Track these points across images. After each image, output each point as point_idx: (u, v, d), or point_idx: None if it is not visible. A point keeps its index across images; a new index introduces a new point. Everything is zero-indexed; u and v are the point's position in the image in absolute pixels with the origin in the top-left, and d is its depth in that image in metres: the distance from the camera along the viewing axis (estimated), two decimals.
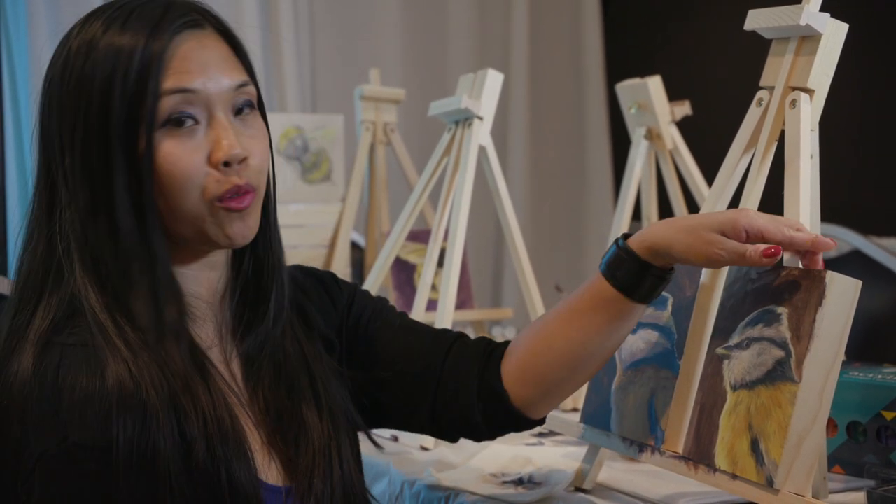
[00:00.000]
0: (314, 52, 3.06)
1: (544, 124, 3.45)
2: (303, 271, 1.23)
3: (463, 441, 1.54)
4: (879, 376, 1.32)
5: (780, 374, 1.01)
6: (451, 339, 1.21)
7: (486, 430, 1.20)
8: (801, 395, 0.98)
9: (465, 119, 1.74)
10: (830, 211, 1.34)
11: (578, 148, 3.50)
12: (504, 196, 1.77)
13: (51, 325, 0.97)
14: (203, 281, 1.07)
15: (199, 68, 0.99)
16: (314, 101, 3.04)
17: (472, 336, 2.47)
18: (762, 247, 1.02)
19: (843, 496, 1.25)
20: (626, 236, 1.10)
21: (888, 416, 1.28)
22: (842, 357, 1.00)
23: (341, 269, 2.29)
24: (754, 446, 1.01)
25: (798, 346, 0.99)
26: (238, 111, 1.02)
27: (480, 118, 1.72)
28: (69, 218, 0.99)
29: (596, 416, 1.25)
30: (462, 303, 2.28)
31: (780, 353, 1.01)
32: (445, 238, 1.74)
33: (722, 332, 1.09)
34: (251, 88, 1.04)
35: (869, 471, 1.28)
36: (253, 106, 1.04)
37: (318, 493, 1.05)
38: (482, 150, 1.74)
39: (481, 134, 1.73)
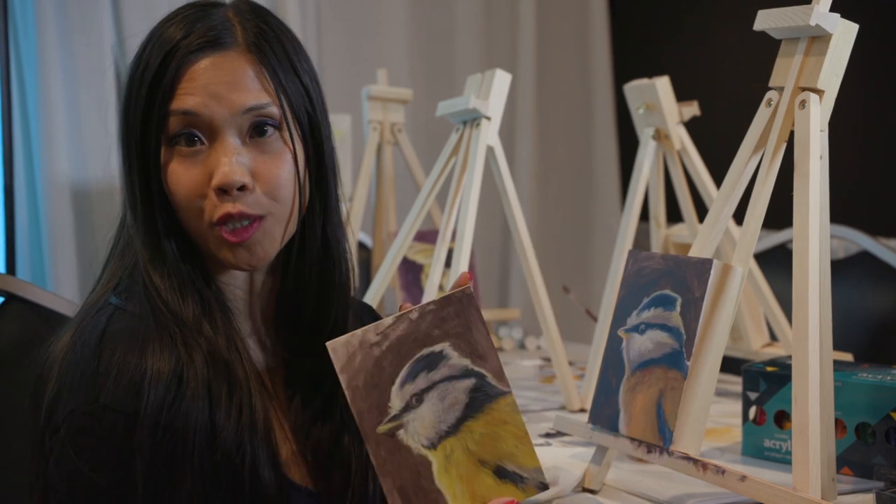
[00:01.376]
0: (321, 51, 3.06)
1: (552, 124, 3.45)
2: (368, 310, 1.25)
3: None
4: (888, 378, 1.32)
5: (483, 396, 0.98)
6: None
7: None
8: (514, 399, 1.00)
9: (472, 119, 1.74)
10: (838, 211, 1.35)
11: (586, 148, 3.49)
12: (512, 196, 1.77)
13: (111, 288, 1.02)
14: (247, 277, 1.08)
15: (203, 91, 0.99)
16: None
17: None
18: None
19: (852, 498, 1.25)
20: None
21: None
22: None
23: None
24: (501, 473, 0.99)
25: (486, 364, 0.98)
26: (258, 132, 1.01)
27: (488, 118, 1.72)
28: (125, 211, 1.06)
29: (604, 417, 1.25)
30: None
31: (469, 382, 0.98)
32: (453, 238, 1.74)
33: (377, 409, 0.99)
34: (271, 110, 1.01)
35: (878, 472, 1.28)
36: (277, 127, 1.02)
37: None
38: (490, 150, 1.74)
39: (489, 134, 1.73)
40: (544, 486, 0.98)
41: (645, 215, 1.90)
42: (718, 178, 1.38)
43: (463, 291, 0.98)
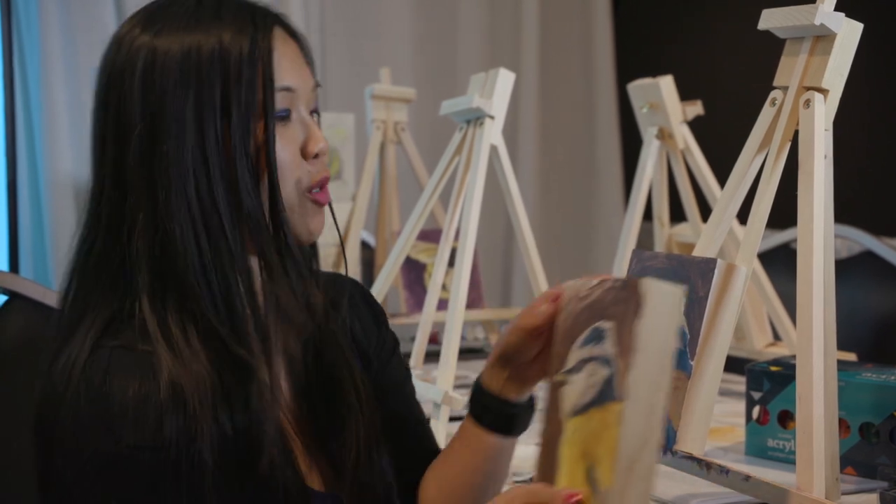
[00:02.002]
0: (325, 50, 3.06)
1: (555, 124, 3.45)
2: (350, 282, 1.22)
3: None
4: (892, 377, 1.32)
5: (608, 393, 0.91)
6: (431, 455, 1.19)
7: None
8: (627, 413, 0.88)
9: (476, 118, 1.74)
10: (842, 211, 1.34)
11: (589, 147, 3.49)
12: (515, 196, 1.77)
13: (102, 328, 0.96)
14: (256, 279, 1.05)
15: (296, 66, 1.02)
16: (325, 100, 3.04)
17: (482, 334, 2.47)
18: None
19: (855, 498, 1.25)
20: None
21: None
22: (670, 371, 0.87)
23: (351, 268, 2.29)
24: (590, 473, 0.91)
25: (621, 362, 0.90)
26: (314, 108, 1.05)
27: (492, 117, 1.72)
28: (144, 223, 0.96)
29: None
30: (472, 302, 2.28)
31: (606, 372, 0.92)
32: (456, 237, 1.74)
33: (560, 357, 0.98)
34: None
35: (882, 472, 1.28)
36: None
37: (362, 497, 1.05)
38: (493, 149, 1.74)
39: (493, 133, 1.73)
40: None
41: (648, 214, 1.90)
42: (722, 178, 1.38)
43: (638, 281, 0.91)
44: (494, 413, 1.07)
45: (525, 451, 1.45)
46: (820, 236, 1.13)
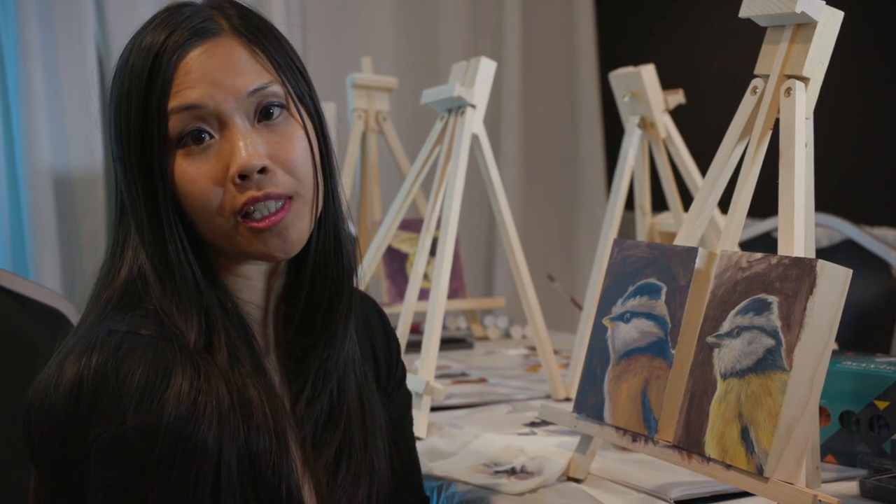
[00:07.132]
0: (305, 39, 3.04)
1: (537, 113, 3.44)
2: (374, 305, 1.22)
3: (455, 431, 1.53)
4: (872, 366, 1.32)
5: (770, 362, 1.02)
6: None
7: None
8: (792, 383, 0.99)
9: (457, 107, 1.73)
10: (823, 200, 1.35)
11: (571, 136, 3.49)
12: (497, 185, 1.77)
13: (115, 316, 0.97)
14: (263, 289, 1.05)
15: (202, 81, 0.96)
16: None
17: (464, 324, 2.46)
18: None
19: (835, 485, 1.25)
20: None
21: (881, 405, 1.28)
22: (832, 346, 1.02)
23: None
24: (744, 434, 1.03)
25: (789, 335, 1.01)
26: (265, 115, 0.98)
27: (473, 106, 1.72)
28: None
29: (589, 406, 1.25)
30: (454, 292, 2.28)
31: (770, 342, 1.03)
32: (438, 227, 1.73)
33: (712, 320, 1.10)
34: (274, 89, 0.99)
35: (862, 460, 1.28)
36: (283, 106, 0.99)
37: None
38: (475, 138, 1.74)
39: (474, 122, 1.72)
40: (761, 471, 1.00)
41: (630, 204, 1.90)
42: (703, 167, 1.38)
43: (811, 262, 1.01)
44: None
45: (505, 440, 1.45)
46: (801, 225, 1.13)
